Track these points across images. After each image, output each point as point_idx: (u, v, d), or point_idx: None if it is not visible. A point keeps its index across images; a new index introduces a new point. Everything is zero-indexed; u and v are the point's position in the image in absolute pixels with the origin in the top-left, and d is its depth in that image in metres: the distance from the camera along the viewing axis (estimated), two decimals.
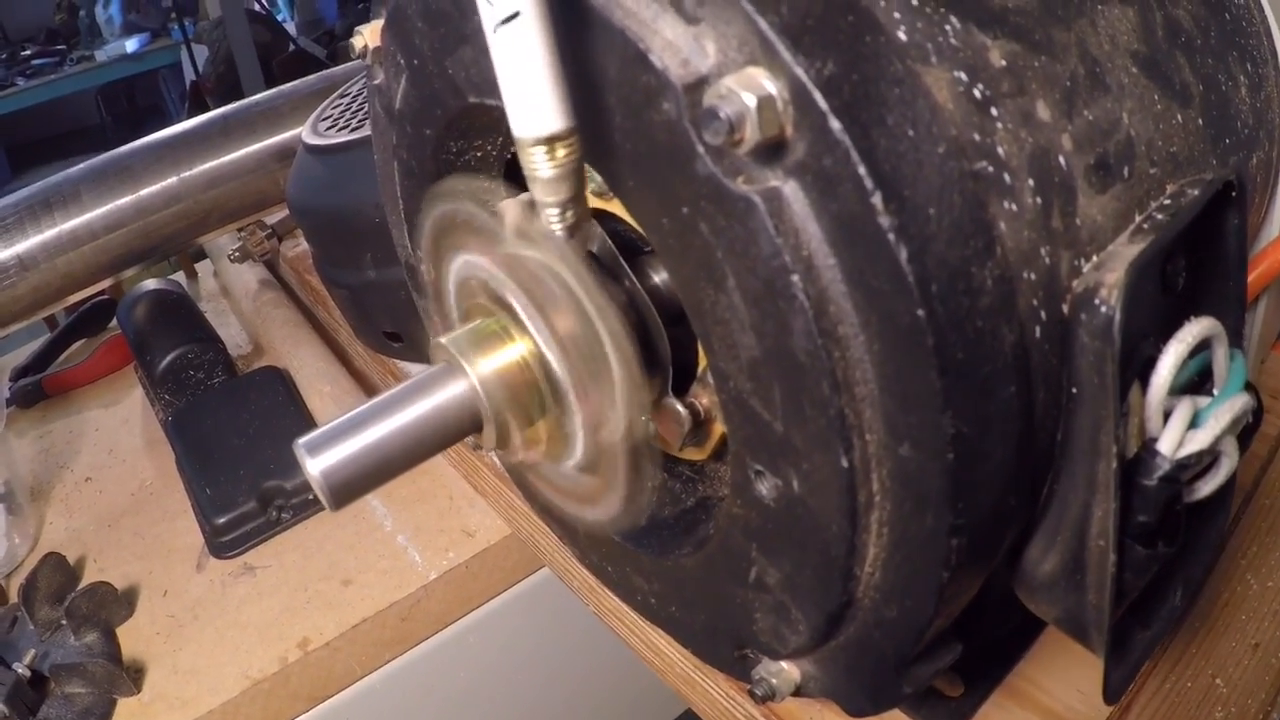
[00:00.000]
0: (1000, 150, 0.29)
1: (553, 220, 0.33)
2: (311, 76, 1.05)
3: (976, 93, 0.29)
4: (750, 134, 0.25)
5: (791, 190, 0.26)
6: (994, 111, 0.30)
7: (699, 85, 0.27)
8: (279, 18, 3.39)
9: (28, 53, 3.82)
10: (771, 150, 0.26)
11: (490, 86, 0.38)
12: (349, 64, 1.04)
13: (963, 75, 0.29)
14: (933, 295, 0.25)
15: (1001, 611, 0.50)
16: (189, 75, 3.26)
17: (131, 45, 3.72)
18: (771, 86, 0.25)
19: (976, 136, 0.28)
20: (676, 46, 0.28)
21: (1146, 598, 0.41)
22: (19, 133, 3.70)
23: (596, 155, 0.33)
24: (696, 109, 0.27)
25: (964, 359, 0.26)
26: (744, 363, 0.30)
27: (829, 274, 0.26)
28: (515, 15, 0.28)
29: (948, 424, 0.26)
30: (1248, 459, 0.63)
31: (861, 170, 0.25)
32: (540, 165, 0.31)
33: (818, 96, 0.25)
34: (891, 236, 0.25)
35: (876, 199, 0.25)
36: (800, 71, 0.25)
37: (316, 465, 0.36)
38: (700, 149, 0.27)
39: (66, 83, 3.70)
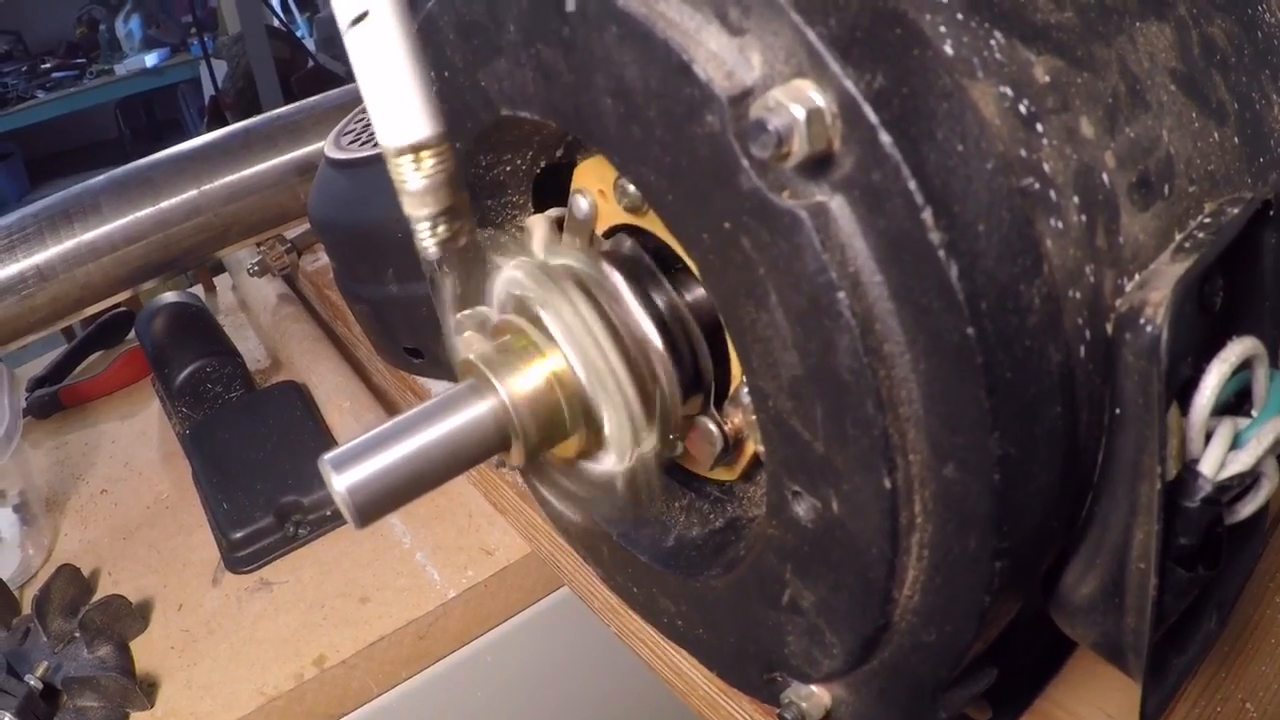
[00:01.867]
0: (1046, 167, 0.29)
1: (423, 236, 0.30)
2: (334, 91, 1.05)
3: (1022, 108, 0.29)
4: (799, 147, 0.25)
5: (839, 205, 0.26)
6: (1039, 128, 0.29)
7: (744, 98, 0.27)
8: (298, 34, 3.43)
9: (48, 65, 3.85)
10: (818, 164, 0.26)
11: (525, 99, 0.38)
12: None
13: (1008, 90, 0.29)
14: (982, 313, 0.25)
15: (1031, 635, 0.49)
16: (208, 90, 3.29)
17: (151, 60, 3.75)
18: (820, 99, 0.25)
19: (1023, 152, 0.28)
20: (721, 58, 0.28)
21: (1182, 622, 0.41)
22: (38, 145, 3.73)
23: (636, 169, 0.33)
24: (741, 122, 0.27)
25: (1012, 379, 0.26)
26: (785, 381, 0.30)
27: (876, 291, 0.26)
28: (364, 15, 0.26)
29: (995, 445, 0.26)
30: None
31: (912, 185, 0.24)
32: (407, 176, 0.29)
33: (868, 110, 0.24)
34: (942, 253, 0.24)
35: (927, 215, 0.24)
36: (850, 84, 0.25)
37: (342, 482, 0.36)
38: (745, 162, 0.27)
39: (86, 96, 3.73)
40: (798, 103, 0.25)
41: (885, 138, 0.24)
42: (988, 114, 0.27)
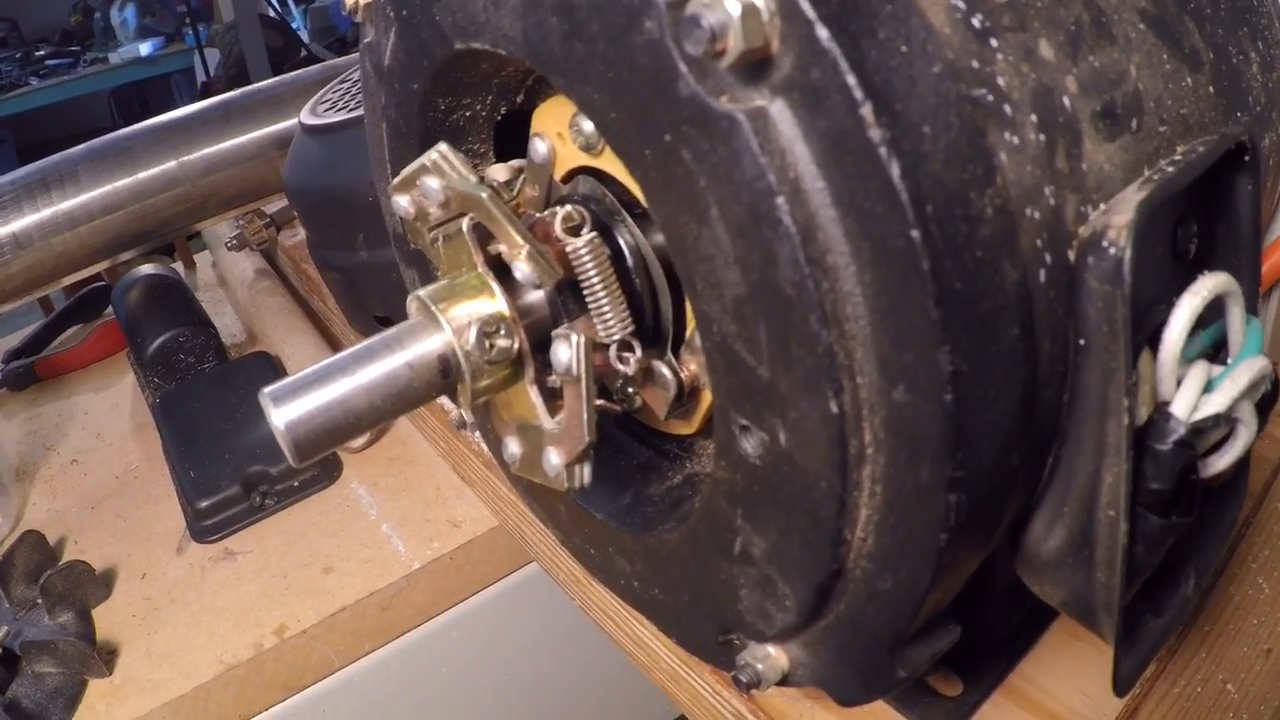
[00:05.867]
0: (1000, 81, 0.27)
1: None
2: (315, 66, 1.04)
3: (975, 21, 0.28)
4: (734, 43, 0.24)
5: (779, 109, 0.25)
6: (993, 42, 0.28)
7: (682, 2, 0.26)
8: (293, 24, 3.42)
9: (42, 53, 3.83)
10: (757, 67, 0.25)
11: (476, 28, 0.37)
12: (353, 55, 1.04)
13: (959, 3, 0.27)
14: (928, 216, 0.23)
15: (1003, 606, 0.48)
16: (201, 80, 3.27)
17: (145, 48, 3.73)
18: None
19: (975, 64, 0.27)
20: None
21: (1158, 583, 0.39)
22: (31, 133, 3.70)
23: (581, 89, 0.31)
24: (679, 25, 0.25)
25: (963, 290, 0.24)
26: (728, 302, 0.28)
27: (818, 198, 0.24)
28: None
29: (945, 360, 0.24)
30: (1258, 463, 0.61)
31: (850, 80, 0.23)
32: None
33: (804, 4, 0.23)
34: (883, 151, 0.23)
35: (866, 110, 0.23)
36: None
37: (281, 416, 0.34)
38: (682, 67, 0.26)
39: (80, 84, 3.70)
40: None
41: (822, 31, 0.23)
42: (936, 21, 0.26)
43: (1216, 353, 0.35)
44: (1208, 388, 0.33)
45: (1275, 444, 0.61)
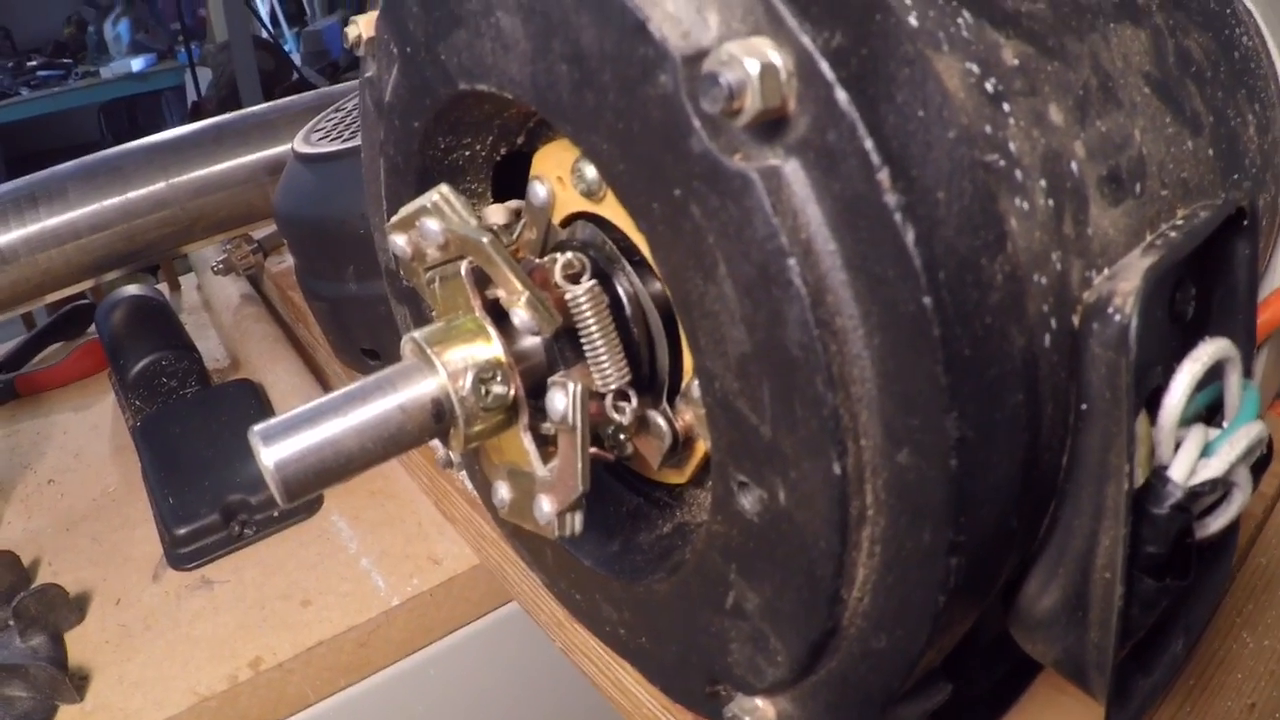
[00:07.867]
0: (1012, 146, 0.27)
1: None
2: (309, 93, 1.04)
3: (989, 86, 0.28)
4: (751, 103, 0.24)
5: (792, 169, 0.24)
6: (1006, 107, 0.28)
7: (699, 58, 0.26)
8: (285, 47, 3.42)
9: (34, 63, 3.82)
10: (772, 126, 0.25)
11: (482, 70, 0.37)
12: (348, 84, 1.04)
13: (974, 67, 0.28)
14: (940, 283, 0.23)
15: (989, 659, 0.47)
16: (192, 98, 3.27)
17: (137, 64, 3.73)
18: (776, 56, 0.24)
19: (988, 129, 0.27)
20: (677, 18, 0.26)
21: (1148, 643, 0.39)
22: (19, 143, 3.67)
23: (589, 137, 0.31)
24: (695, 81, 0.25)
25: (971, 356, 0.24)
26: (732, 360, 0.28)
27: (829, 260, 0.24)
28: None
29: (952, 427, 0.24)
30: (1242, 518, 0.61)
31: (868, 145, 0.23)
32: None
33: (824, 66, 0.23)
34: (898, 216, 0.23)
35: (883, 175, 0.23)
36: (807, 40, 0.23)
37: (270, 455, 0.34)
38: (696, 123, 0.26)
39: (70, 96, 3.70)
40: (752, 57, 0.23)
41: (841, 94, 0.23)
42: (951, 86, 0.26)
43: (1211, 415, 0.36)
44: (1205, 451, 0.33)
45: (1260, 499, 0.61)
